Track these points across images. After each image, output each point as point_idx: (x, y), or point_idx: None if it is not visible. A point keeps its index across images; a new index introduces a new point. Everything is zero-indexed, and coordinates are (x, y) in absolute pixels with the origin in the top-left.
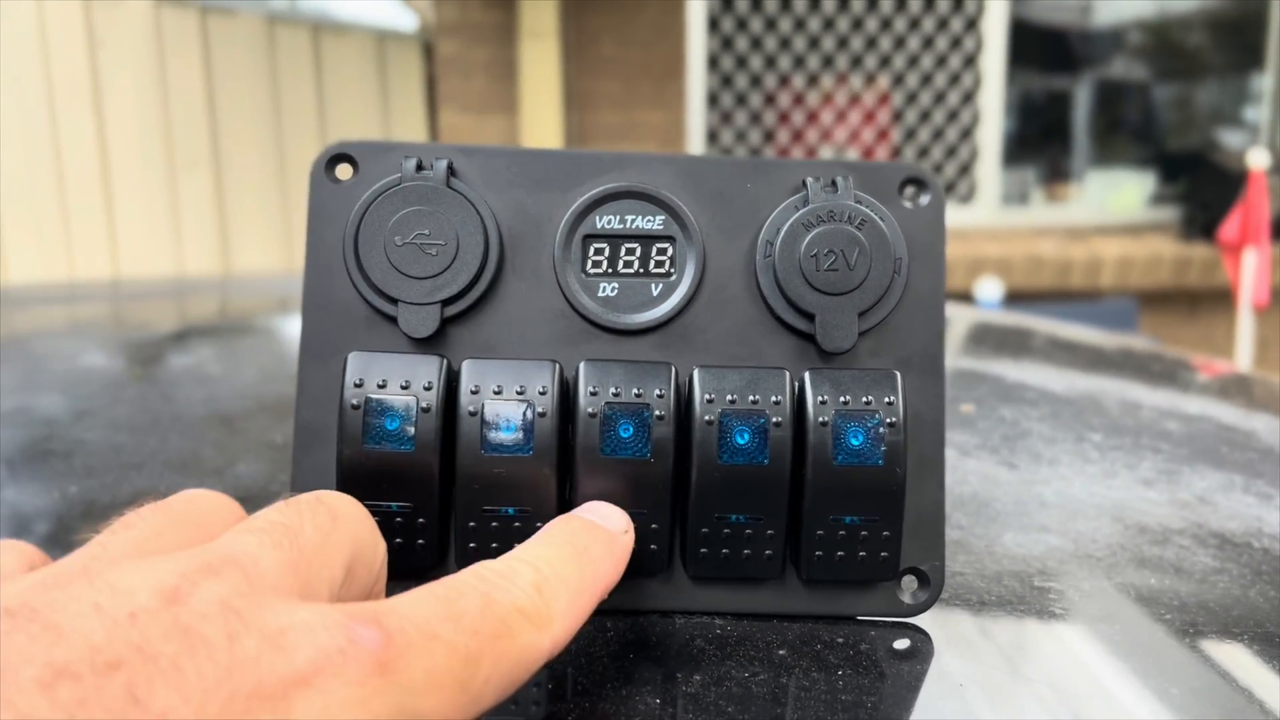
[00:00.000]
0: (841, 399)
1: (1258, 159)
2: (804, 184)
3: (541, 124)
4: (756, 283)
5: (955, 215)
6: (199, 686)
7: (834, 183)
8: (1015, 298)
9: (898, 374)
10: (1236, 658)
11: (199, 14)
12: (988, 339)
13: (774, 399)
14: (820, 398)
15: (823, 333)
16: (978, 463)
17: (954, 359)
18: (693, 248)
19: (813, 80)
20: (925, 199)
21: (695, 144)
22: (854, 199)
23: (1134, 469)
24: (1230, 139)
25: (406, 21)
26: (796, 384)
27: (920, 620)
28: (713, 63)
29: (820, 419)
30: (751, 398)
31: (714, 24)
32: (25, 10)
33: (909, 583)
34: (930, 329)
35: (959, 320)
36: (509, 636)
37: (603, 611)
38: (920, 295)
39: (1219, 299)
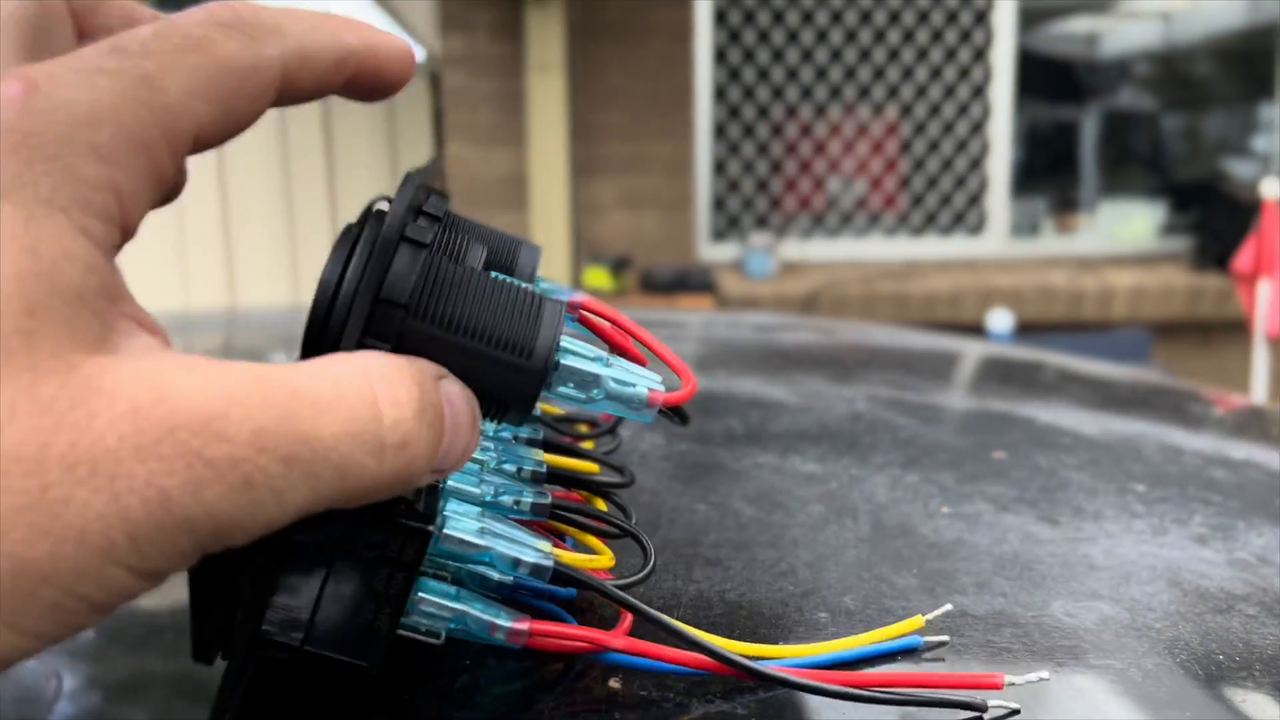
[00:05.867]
0: None
1: (1271, 188)
2: None
3: (549, 155)
4: None
5: (965, 246)
6: None
7: None
8: (1027, 329)
9: None
10: None
11: None
12: (1012, 377)
13: None
14: None
15: None
16: (1017, 518)
17: (979, 400)
18: None
19: (820, 111)
20: None
21: (702, 175)
22: None
23: (1184, 524)
24: (1239, 169)
25: (413, 53)
26: None
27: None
28: (719, 94)
29: None
30: None
31: (721, 55)
32: None
33: None
34: None
35: (973, 355)
36: (201, 50)
37: None
38: None
39: (1233, 330)
